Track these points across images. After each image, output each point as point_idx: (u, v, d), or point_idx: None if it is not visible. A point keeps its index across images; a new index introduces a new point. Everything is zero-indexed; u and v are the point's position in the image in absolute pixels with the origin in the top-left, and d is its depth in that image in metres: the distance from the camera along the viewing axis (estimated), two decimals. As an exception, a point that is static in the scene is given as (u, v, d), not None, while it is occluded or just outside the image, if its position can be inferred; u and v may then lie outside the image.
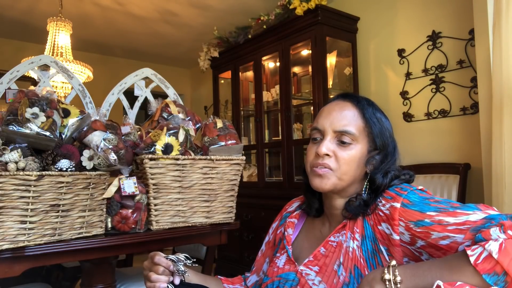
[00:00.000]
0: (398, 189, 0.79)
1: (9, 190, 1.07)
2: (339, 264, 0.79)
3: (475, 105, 2.40)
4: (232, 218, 1.57)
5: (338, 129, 0.83)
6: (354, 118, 0.84)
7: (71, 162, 1.20)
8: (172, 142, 1.40)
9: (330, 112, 0.87)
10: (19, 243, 1.10)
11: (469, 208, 0.69)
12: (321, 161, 0.83)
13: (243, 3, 3.47)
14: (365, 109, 0.86)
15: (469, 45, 2.45)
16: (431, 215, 0.70)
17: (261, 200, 3.25)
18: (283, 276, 0.87)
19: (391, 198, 0.78)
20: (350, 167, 0.83)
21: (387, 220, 0.76)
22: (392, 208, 0.76)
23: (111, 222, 1.33)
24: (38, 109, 1.18)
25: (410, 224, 0.72)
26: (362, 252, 0.78)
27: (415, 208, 0.73)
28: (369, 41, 3.05)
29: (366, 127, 0.84)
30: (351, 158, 0.82)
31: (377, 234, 0.78)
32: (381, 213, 0.78)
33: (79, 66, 3.00)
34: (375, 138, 0.84)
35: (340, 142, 0.83)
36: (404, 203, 0.75)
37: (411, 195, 0.76)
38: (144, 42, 4.42)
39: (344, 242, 0.81)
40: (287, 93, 3.13)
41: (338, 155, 0.83)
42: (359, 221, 0.81)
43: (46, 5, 3.40)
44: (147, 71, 1.88)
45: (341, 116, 0.85)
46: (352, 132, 0.83)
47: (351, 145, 0.83)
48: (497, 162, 1.93)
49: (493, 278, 0.58)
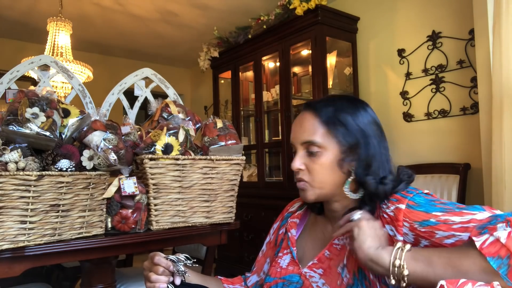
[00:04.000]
0: (404, 192, 0.79)
1: (9, 190, 1.07)
2: (343, 267, 0.80)
3: (475, 105, 2.40)
4: (232, 218, 1.57)
5: (303, 140, 0.84)
6: (314, 127, 0.84)
7: (71, 162, 1.20)
8: (172, 142, 1.40)
9: (295, 126, 0.88)
10: (19, 243, 1.10)
11: (475, 209, 0.70)
12: (297, 175, 0.85)
13: (243, 3, 3.47)
14: (323, 114, 0.84)
15: (469, 45, 2.45)
16: (436, 215, 0.71)
17: (261, 200, 3.25)
18: (287, 278, 0.87)
19: (396, 200, 0.77)
20: (324, 175, 0.83)
21: (391, 222, 0.76)
22: (396, 210, 0.76)
23: (111, 222, 1.33)
24: (38, 109, 1.18)
25: (414, 224, 0.72)
26: None
27: (421, 209, 0.73)
28: (369, 41, 3.05)
29: (329, 131, 0.83)
30: (322, 167, 0.82)
31: None
32: (385, 215, 0.78)
33: (79, 66, 3.00)
34: (342, 138, 0.82)
35: (309, 153, 0.84)
36: (409, 205, 0.75)
37: (417, 197, 0.76)
38: (144, 42, 4.42)
39: (348, 245, 0.80)
40: (287, 93, 3.13)
41: (309, 167, 0.83)
42: None
43: (46, 5, 3.40)
44: (147, 71, 1.88)
45: (302, 128, 0.85)
46: (315, 141, 0.82)
47: (319, 153, 0.82)
48: (497, 162, 1.93)
49: (497, 261, 0.60)
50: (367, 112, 0.85)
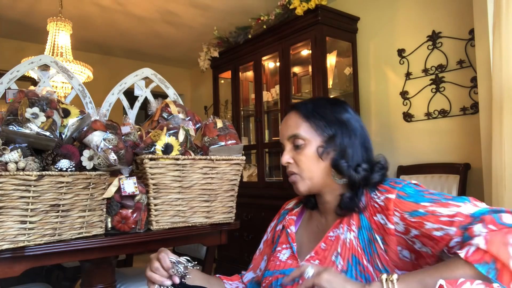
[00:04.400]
0: (392, 182, 0.84)
1: (9, 190, 1.07)
2: (337, 255, 0.84)
3: (475, 105, 2.40)
4: (232, 218, 1.57)
5: (288, 136, 0.93)
6: (297, 122, 0.93)
7: (71, 162, 1.20)
8: (172, 142, 1.40)
9: (282, 126, 0.98)
10: (19, 243, 1.10)
11: (460, 199, 0.75)
12: (288, 169, 0.93)
13: (243, 3, 3.47)
14: (303, 110, 0.93)
15: (469, 45, 2.45)
16: (425, 206, 0.75)
17: (261, 200, 3.25)
18: (287, 272, 0.89)
19: (385, 190, 0.83)
20: (310, 165, 0.90)
21: (382, 211, 0.81)
22: (386, 200, 0.80)
23: (111, 222, 1.33)
24: (38, 109, 1.18)
25: (405, 214, 0.77)
26: (359, 241, 0.83)
27: (410, 199, 0.78)
28: (369, 41, 3.05)
29: (311, 125, 0.91)
30: (307, 158, 0.90)
31: (372, 224, 0.82)
32: (376, 205, 0.83)
33: (79, 66, 3.00)
34: (322, 130, 0.90)
35: (295, 146, 0.92)
36: (399, 195, 0.79)
37: (407, 188, 0.81)
38: (144, 42, 4.42)
39: (341, 235, 0.85)
40: (287, 93, 3.13)
41: (296, 160, 0.91)
42: (355, 215, 0.86)
43: (46, 5, 3.40)
44: (147, 71, 1.88)
45: (287, 126, 0.95)
46: (299, 133, 0.91)
47: (303, 145, 0.90)
48: (497, 162, 1.93)
49: (485, 267, 0.63)
50: (344, 108, 0.93)
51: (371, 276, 0.79)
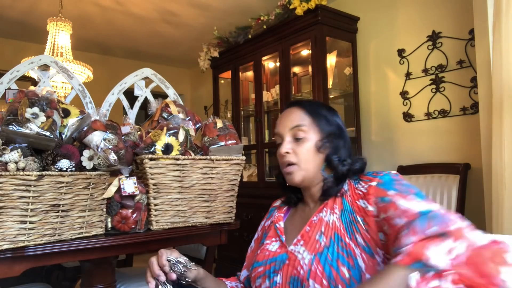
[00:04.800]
0: (374, 173, 0.93)
1: (9, 190, 1.07)
2: (320, 234, 0.91)
3: (475, 105, 2.40)
4: (232, 218, 1.57)
5: (291, 126, 0.99)
6: (301, 116, 1.00)
7: (71, 162, 1.20)
8: (172, 142, 1.40)
9: (283, 117, 1.03)
10: (19, 243, 1.11)
11: (418, 196, 0.82)
12: (284, 159, 0.98)
13: (243, 3, 3.47)
14: (307, 107, 1.02)
15: (469, 45, 2.45)
16: (391, 194, 0.84)
17: (261, 200, 3.24)
18: (278, 259, 0.95)
19: (368, 180, 0.92)
20: (308, 157, 0.97)
21: (364, 197, 0.90)
22: (369, 187, 0.90)
23: (111, 222, 1.34)
24: (38, 109, 1.18)
25: (377, 199, 0.87)
26: (341, 222, 0.91)
27: (383, 186, 0.87)
28: (369, 41, 3.05)
29: (313, 121, 0.99)
30: (307, 150, 0.97)
31: (354, 207, 0.91)
32: (360, 192, 0.92)
33: (79, 66, 3.00)
34: (323, 127, 0.99)
35: (295, 139, 0.98)
36: (378, 183, 0.89)
37: (385, 177, 0.90)
38: (144, 42, 4.42)
39: (324, 217, 0.94)
40: (287, 93, 3.13)
41: (296, 151, 0.97)
42: (338, 200, 0.95)
43: (46, 5, 3.40)
44: (147, 71, 1.88)
45: (290, 118, 1.01)
46: (304, 124, 0.98)
47: (304, 139, 0.98)
48: (497, 162, 1.93)
49: (417, 264, 0.69)
50: (337, 114, 1.06)
51: (353, 251, 0.85)
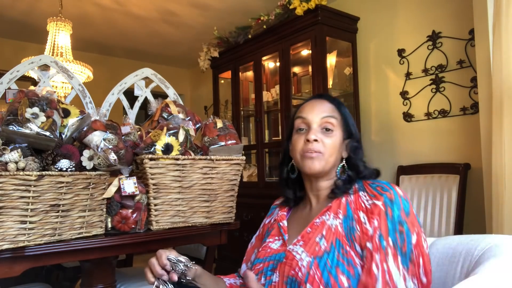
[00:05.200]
0: (380, 188, 0.91)
1: (9, 190, 1.07)
2: (321, 237, 0.90)
3: (475, 105, 2.40)
4: (232, 218, 1.57)
5: (324, 115, 0.99)
6: (333, 110, 1.01)
7: (71, 162, 1.20)
8: (172, 142, 1.40)
9: (314, 106, 1.03)
10: (19, 243, 1.11)
11: (404, 263, 0.81)
12: (311, 146, 0.96)
13: (243, 3, 3.47)
14: (339, 104, 1.04)
15: (469, 45, 2.45)
16: (388, 242, 0.83)
17: (261, 200, 3.24)
18: (276, 258, 0.96)
19: (373, 196, 0.90)
20: (333, 151, 0.98)
21: (366, 212, 0.89)
22: (373, 205, 0.88)
23: (111, 222, 1.33)
24: (38, 109, 1.18)
25: (377, 231, 0.85)
26: (343, 228, 0.90)
27: (388, 223, 0.85)
28: (369, 41, 3.05)
29: (342, 119, 1.01)
30: (333, 143, 0.98)
31: (355, 216, 0.90)
32: (363, 205, 0.90)
33: (79, 66, 3.00)
34: (350, 127, 1.02)
35: (324, 129, 0.98)
36: (386, 209, 0.86)
37: (395, 207, 0.86)
38: (144, 42, 4.42)
39: (327, 221, 0.93)
40: (287, 93, 3.13)
41: (324, 141, 0.97)
42: (342, 205, 0.93)
43: (46, 5, 3.40)
44: (147, 71, 1.88)
45: (324, 108, 1.01)
46: (335, 117, 0.99)
47: (333, 132, 0.98)
48: (497, 162, 1.93)
49: None
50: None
51: (353, 260, 0.85)
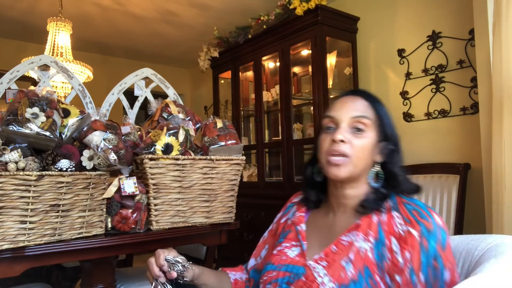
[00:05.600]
0: (416, 213, 0.80)
1: (9, 190, 1.07)
2: (348, 261, 0.80)
3: (475, 105, 2.40)
4: (232, 218, 1.57)
5: (354, 115, 0.88)
6: (367, 108, 0.90)
7: (71, 162, 1.20)
8: (172, 142, 1.40)
9: (345, 103, 0.91)
10: (19, 243, 1.10)
11: None
12: (337, 147, 0.86)
13: (243, 3, 3.47)
14: (375, 102, 0.92)
15: (469, 45, 2.45)
16: (419, 280, 0.75)
17: (261, 200, 3.25)
18: (294, 271, 0.87)
19: (409, 221, 0.80)
20: (363, 154, 0.87)
21: (399, 239, 0.79)
22: (408, 233, 0.78)
23: (111, 222, 1.33)
24: (38, 109, 1.18)
25: (408, 264, 0.76)
26: (374, 254, 0.80)
27: (422, 259, 0.76)
28: (369, 41, 3.05)
29: (377, 118, 0.90)
30: (364, 146, 0.87)
31: (387, 241, 0.80)
32: (396, 229, 0.80)
33: (79, 66, 3.00)
34: (386, 128, 0.90)
35: (355, 129, 0.87)
36: (422, 243, 0.77)
37: (432, 239, 0.77)
38: (144, 42, 4.42)
39: (356, 242, 0.82)
40: (287, 93, 3.13)
41: (353, 142, 0.86)
42: (373, 225, 0.83)
43: (46, 5, 3.40)
44: (147, 71, 1.88)
45: (356, 105, 0.90)
46: (367, 117, 0.88)
47: (364, 133, 0.87)
48: (497, 162, 1.93)
49: None
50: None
51: None
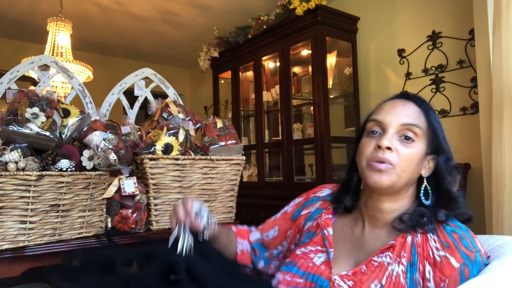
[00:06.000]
0: (457, 236, 0.74)
1: (9, 190, 1.07)
2: (379, 286, 0.74)
3: (475, 105, 2.40)
4: (232, 218, 1.57)
5: (404, 122, 0.81)
6: (419, 116, 0.83)
7: (71, 162, 1.20)
8: (172, 142, 1.40)
9: (394, 107, 0.84)
10: (19, 243, 1.11)
11: None
12: (381, 155, 0.79)
13: (243, 3, 3.47)
14: (428, 110, 0.85)
15: (469, 45, 2.45)
16: None
17: (261, 200, 3.24)
18: (318, 283, 0.81)
19: (447, 246, 0.73)
20: (409, 165, 0.79)
21: (434, 266, 0.72)
22: (446, 261, 0.71)
23: (111, 222, 1.34)
24: (38, 109, 1.18)
25: None
26: (406, 279, 0.74)
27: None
28: (369, 41, 3.05)
29: (428, 128, 0.82)
30: (412, 156, 0.79)
31: (420, 266, 0.75)
32: (431, 253, 0.74)
33: (79, 66, 3.00)
34: (439, 140, 0.83)
35: (403, 137, 0.80)
36: (464, 272, 0.69)
37: (475, 269, 0.70)
38: (144, 42, 4.42)
39: (388, 264, 0.76)
40: (287, 93, 3.13)
41: (399, 151, 0.79)
42: (407, 246, 0.77)
43: (46, 5, 3.40)
44: (147, 71, 1.88)
45: (406, 111, 0.83)
46: (419, 125, 0.81)
47: (413, 142, 0.80)
48: (497, 162, 1.93)
49: None
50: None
51: None
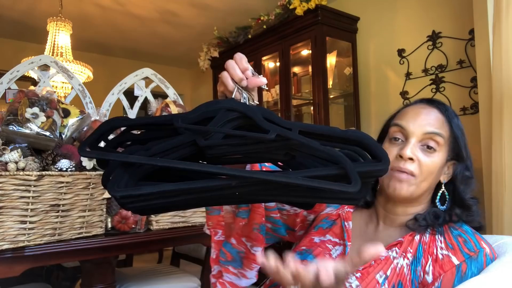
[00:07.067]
0: (462, 240, 0.74)
1: (9, 190, 1.07)
2: (383, 276, 0.75)
3: (475, 105, 2.40)
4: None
5: (428, 131, 0.79)
6: (442, 124, 0.81)
7: (71, 162, 1.20)
8: (172, 142, 1.40)
9: (418, 114, 0.82)
10: (19, 243, 1.10)
11: None
12: (403, 165, 0.78)
13: (243, 3, 3.47)
14: (452, 118, 0.82)
15: (469, 45, 2.45)
16: None
17: (261, 200, 3.24)
18: None
19: (451, 247, 0.74)
20: (430, 175, 0.79)
21: (435, 262, 0.73)
22: (447, 259, 0.72)
23: (111, 222, 1.34)
24: (38, 109, 1.18)
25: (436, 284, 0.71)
26: (410, 271, 0.75)
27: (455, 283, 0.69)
28: (369, 41, 3.05)
29: (451, 136, 0.81)
30: (433, 166, 0.79)
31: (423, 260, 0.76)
32: (435, 252, 0.75)
33: (79, 66, 3.00)
34: (461, 150, 0.82)
35: (425, 147, 0.79)
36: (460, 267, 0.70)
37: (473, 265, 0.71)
38: (144, 42, 4.42)
39: (393, 258, 0.77)
40: (287, 93, 3.13)
41: (421, 161, 0.78)
42: (414, 243, 0.78)
43: (46, 5, 3.40)
44: (147, 71, 1.88)
45: (430, 119, 0.80)
46: (442, 135, 0.79)
47: (435, 152, 0.79)
48: (497, 162, 1.93)
49: None
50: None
51: None
